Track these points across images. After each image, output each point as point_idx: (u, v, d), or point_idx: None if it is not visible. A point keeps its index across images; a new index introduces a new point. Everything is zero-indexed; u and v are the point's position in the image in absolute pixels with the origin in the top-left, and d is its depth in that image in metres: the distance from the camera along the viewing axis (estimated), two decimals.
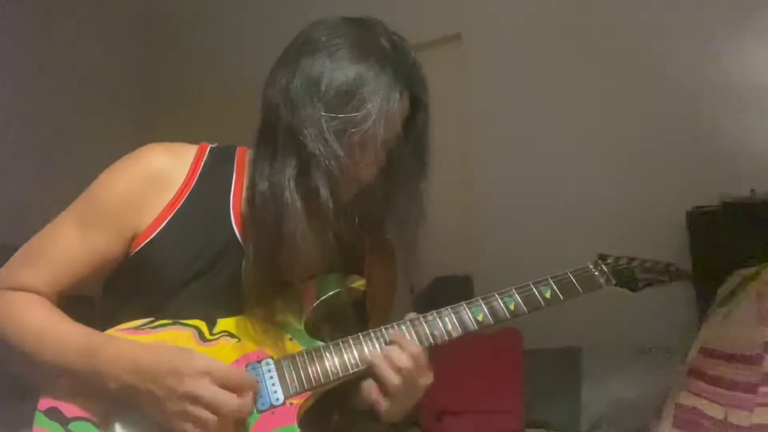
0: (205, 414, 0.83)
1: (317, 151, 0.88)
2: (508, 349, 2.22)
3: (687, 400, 1.62)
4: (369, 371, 0.95)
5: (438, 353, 1.13)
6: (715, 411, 1.51)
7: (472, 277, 2.74)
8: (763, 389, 1.43)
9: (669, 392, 1.70)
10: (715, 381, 1.58)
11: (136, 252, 0.96)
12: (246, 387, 0.87)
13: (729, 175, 2.25)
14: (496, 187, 2.78)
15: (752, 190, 2.15)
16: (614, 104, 2.52)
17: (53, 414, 0.90)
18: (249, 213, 0.96)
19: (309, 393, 0.93)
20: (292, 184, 0.90)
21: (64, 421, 0.89)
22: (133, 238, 0.97)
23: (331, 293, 1.02)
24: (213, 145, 1.05)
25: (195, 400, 0.83)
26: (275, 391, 0.92)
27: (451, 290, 2.65)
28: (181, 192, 0.98)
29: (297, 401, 0.92)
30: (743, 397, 1.46)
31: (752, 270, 1.76)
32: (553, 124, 2.65)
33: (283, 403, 0.92)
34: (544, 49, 2.67)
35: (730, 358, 1.58)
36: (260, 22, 3.37)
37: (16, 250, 1.00)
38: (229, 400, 0.84)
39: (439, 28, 2.93)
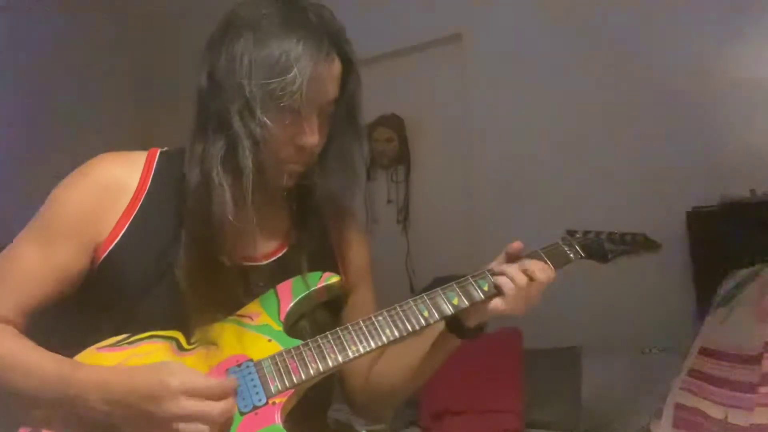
0: (196, 427, 0.83)
1: (243, 125, 0.89)
2: (508, 348, 2.22)
3: (687, 400, 1.62)
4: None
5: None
6: (715, 411, 1.51)
7: None
8: (763, 389, 1.43)
9: (669, 392, 1.70)
10: (715, 381, 1.58)
11: (101, 262, 0.96)
12: (223, 391, 0.86)
13: (729, 175, 2.25)
14: (496, 187, 2.78)
15: (752, 190, 2.15)
16: (614, 104, 2.53)
17: None
18: (185, 203, 0.96)
19: (291, 391, 0.93)
20: (219, 165, 0.91)
21: None
22: (95, 250, 0.96)
23: (307, 292, 1.01)
24: (163, 149, 1.05)
25: (182, 419, 0.82)
26: (257, 393, 0.92)
27: None
28: (136, 197, 0.98)
29: (280, 400, 0.92)
30: (743, 397, 1.46)
31: (752, 270, 1.76)
32: (553, 124, 2.65)
33: (266, 404, 0.91)
34: (544, 48, 2.67)
35: (730, 358, 1.58)
36: None
37: None
38: (212, 409, 0.84)
39: (439, 28, 2.93)
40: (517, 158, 2.73)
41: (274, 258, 1.05)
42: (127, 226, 0.97)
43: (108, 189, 0.98)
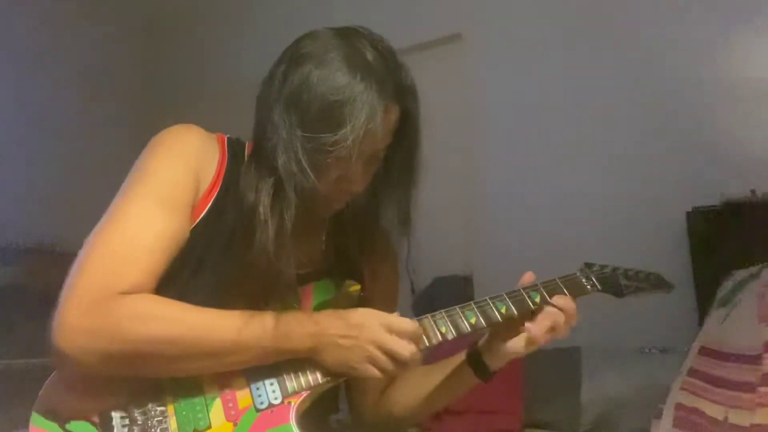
0: (385, 359, 0.92)
1: (291, 174, 0.91)
2: None
3: (687, 400, 1.62)
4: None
5: (437, 353, 1.13)
6: (715, 411, 1.51)
7: (472, 277, 2.74)
8: (763, 389, 1.43)
9: (669, 392, 1.70)
10: (715, 381, 1.58)
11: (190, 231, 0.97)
12: (416, 336, 0.95)
13: (729, 175, 2.25)
14: (497, 187, 2.78)
15: (752, 190, 2.15)
16: (614, 104, 2.53)
17: (50, 414, 0.90)
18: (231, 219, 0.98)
19: (306, 393, 0.95)
20: (267, 201, 0.93)
21: (61, 420, 0.90)
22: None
23: (326, 298, 1.03)
24: (228, 136, 1.06)
25: (378, 345, 0.92)
26: (273, 390, 0.95)
27: (451, 290, 2.65)
28: (218, 175, 1.00)
29: (294, 401, 0.95)
30: (743, 397, 1.46)
31: (752, 270, 1.76)
32: (553, 124, 2.65)
33: (282, 403, 0.94)
34: (544, 48, 2.67)
35: (730, 358, 1.58)
36: (261, 20, 3.37)
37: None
38: (403, 348, 0.93)
39: (439, 28, 2.93)
40: (517, 158, 2.73)
41: (305, 271, 1.05)
42: (212, 201, 0.99)
43: (202, 161, 0.99)
